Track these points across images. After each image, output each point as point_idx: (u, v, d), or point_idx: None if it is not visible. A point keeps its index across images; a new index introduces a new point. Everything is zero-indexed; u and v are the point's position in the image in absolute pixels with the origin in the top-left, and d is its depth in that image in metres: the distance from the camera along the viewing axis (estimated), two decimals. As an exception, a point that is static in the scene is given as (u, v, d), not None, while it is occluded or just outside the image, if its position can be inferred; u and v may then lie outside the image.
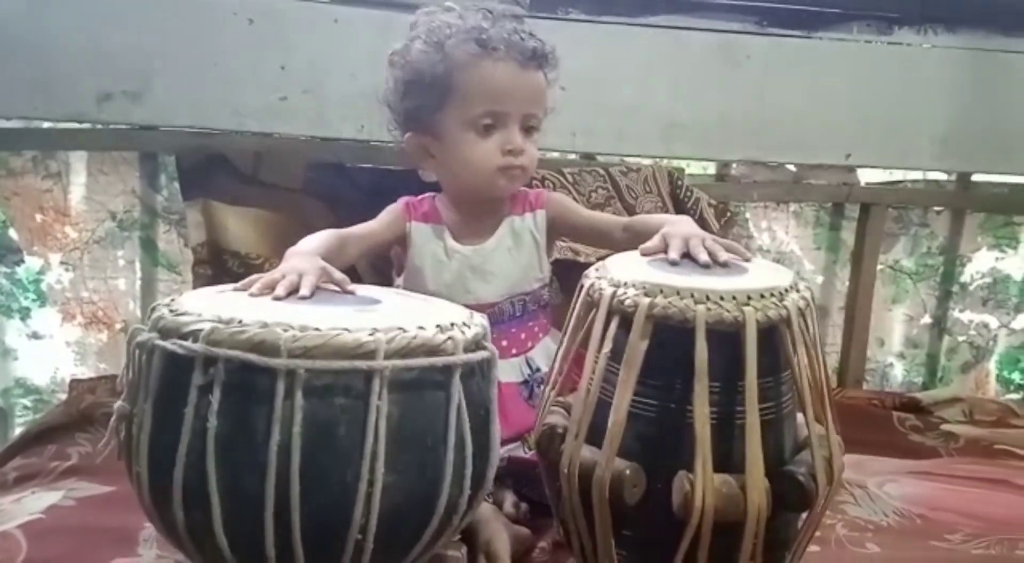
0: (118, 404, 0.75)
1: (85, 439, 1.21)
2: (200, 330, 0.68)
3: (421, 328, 0.72)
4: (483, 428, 0.77)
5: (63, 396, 1.43)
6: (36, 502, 1.04)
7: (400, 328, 0.70)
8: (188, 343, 0.68)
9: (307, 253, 0.92)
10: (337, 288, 0.85)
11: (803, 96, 1.63)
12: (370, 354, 0.68)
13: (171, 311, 0.73)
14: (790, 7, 1.62)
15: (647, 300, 0.80)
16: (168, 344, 0.70)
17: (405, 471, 0.71)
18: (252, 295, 0.80)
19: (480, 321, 0.79)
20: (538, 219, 1.16)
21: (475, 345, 0.75)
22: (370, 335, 0.69)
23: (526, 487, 1.04)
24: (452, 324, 0.74)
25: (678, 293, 0.80)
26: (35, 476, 1.12)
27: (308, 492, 0.67)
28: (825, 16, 1.64)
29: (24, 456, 1.18)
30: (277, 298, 0.79)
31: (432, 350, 0.71)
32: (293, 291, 0.80)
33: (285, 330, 0.68)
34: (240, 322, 0.69)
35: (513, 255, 1.14)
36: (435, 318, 0.75)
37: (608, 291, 0.83)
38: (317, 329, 0.68)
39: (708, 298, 0.79)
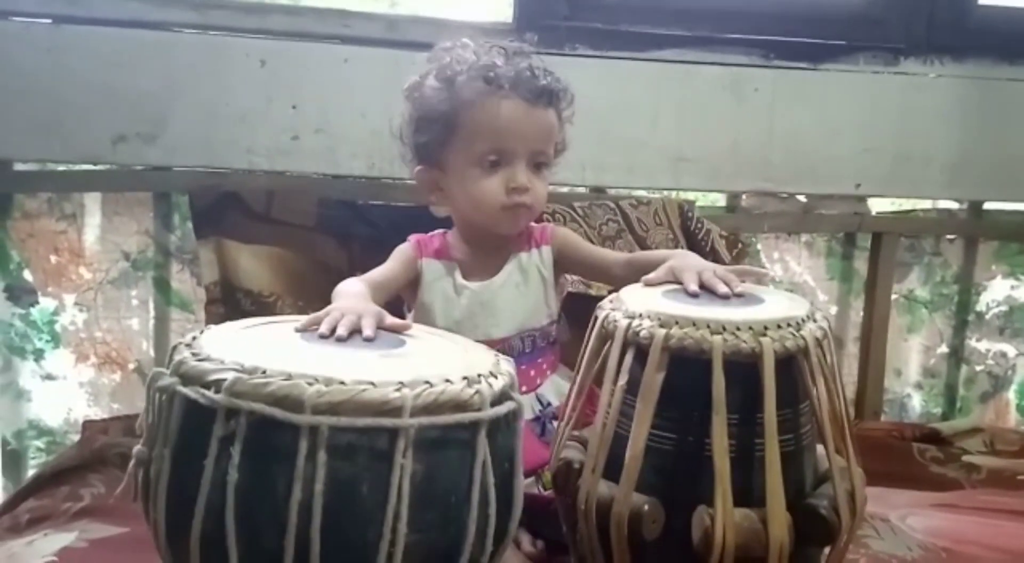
0: (137, 449, 0.73)
1: (98, 480, 1.21)
2: (223, 380, 0.67)
3: (448, 381, 0.69)
4: (507, 481, 0.75)
5: (76, 437, 1.42)
6: (49, 544, 1.03)
7: (427, 382, 0.68)
8: (210, 393, 0.67)
9: (359, 295, 0.92)
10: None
11: (812, 127, 1.64)
12: (396, 411, 0.66)
13: (193, 354, 0.71)
14: (796, 40, 1.64)
15: (663, 331, 0.79)
16: (189, 391, 0.68)
17: (427, 530, 0.69)
18: (322, 336, 0.79)
19: (507, 369, 0.77)
20: (544, 255, 1.15)
21: (502, 397, 0.73)
22: (396, 390, 0.67)
23: (540, 524, 1.02)
24: (479, 375, 0.72)
25: (694, 324, 0.79)
26: (48, 518, 1.11)
27: (328, 550, 0.66)
28: (831, 48, 1.65)
29: (37, 497, 1.17)
30: (340, 339, 0.78)
31: (459, 406, 0.69)
32: (355, 331, 0.80)
33: (310, 383, 0.66)
34: (264, 372, 0.67)
35: (521, 291, 1.13)
36: (462, 368, 0.73)
37: (623, 323, 0.83)
38: (342, 383, 0.66)
39: (724, 329, 0.79)
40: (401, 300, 1.16)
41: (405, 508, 0.67)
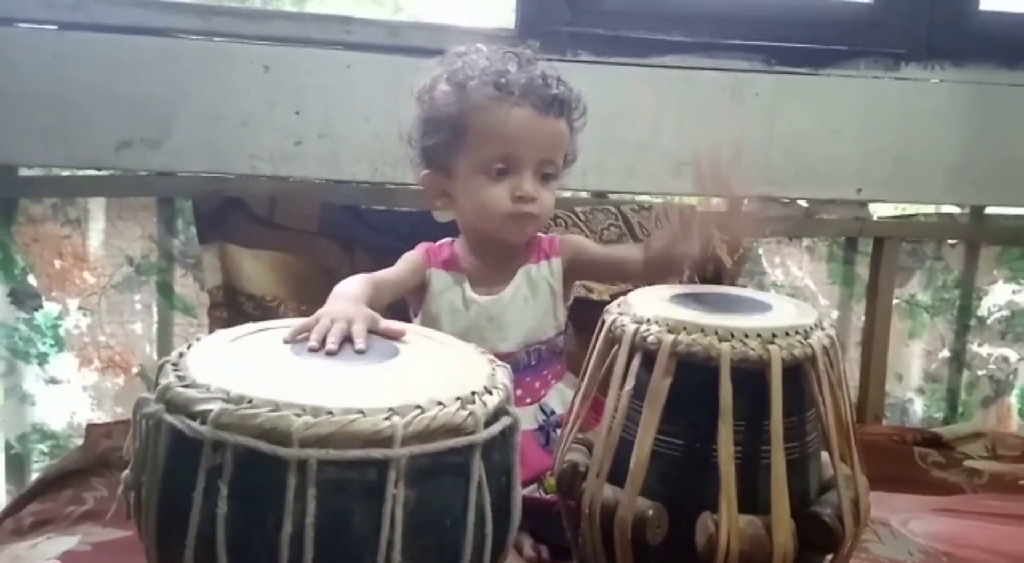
0: (125, 474, 0.73)
1: (101, 484, 1.21)
2: (208, 411, 0.65)
3: (440, 404, 0.67)
4: (504, 496, 0.73)
5: (80, 441, 1.42)
6: (52, 547, 1.03)
7: (418, 406, 0.66)
8: (195, 424, 0.65)
9: (352, 298, 0.91)
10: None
11: (812, 132, 1.65)
12: (386, 441, 0.64)
13: (179, 377, 0.70)
14: (797, 45, 1.64)
15: (671, 337, 0.79)
16: (175, 421, 0.67)
17: (422, 555, 0.67)
18: (312, 349, 0.77)
19: (503, 381, 0.75)
20: (554, 267, 1.14)
21: (497, 414, 0.71)
22: (386, 418, 0.65)
23: (542, 529, 1.02)
24: (473, 394, 0.70)
25: (702, 330, 0.80)
26: (51, 521, 1.11)
27: None
28: (832, 53, 1.65)
29: (40, 501, 1.17)
30: (330, 352, 0.77)
31: (452, 430, 0.67)
32: (346, 339, 0.79)
33: (297, 414, 0.64)
34: (250, 402, 0.65)
35: (529, 305, 1.12)
36: (456, 385, 0.71)
37: (631, 327, 0.83)
38: (330, 413, 0.64)
39: (733, 336, 0.79)
40: (405, 304, 1.16)
41: (398, 536, 0.65)
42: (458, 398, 0.69)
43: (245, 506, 0.65)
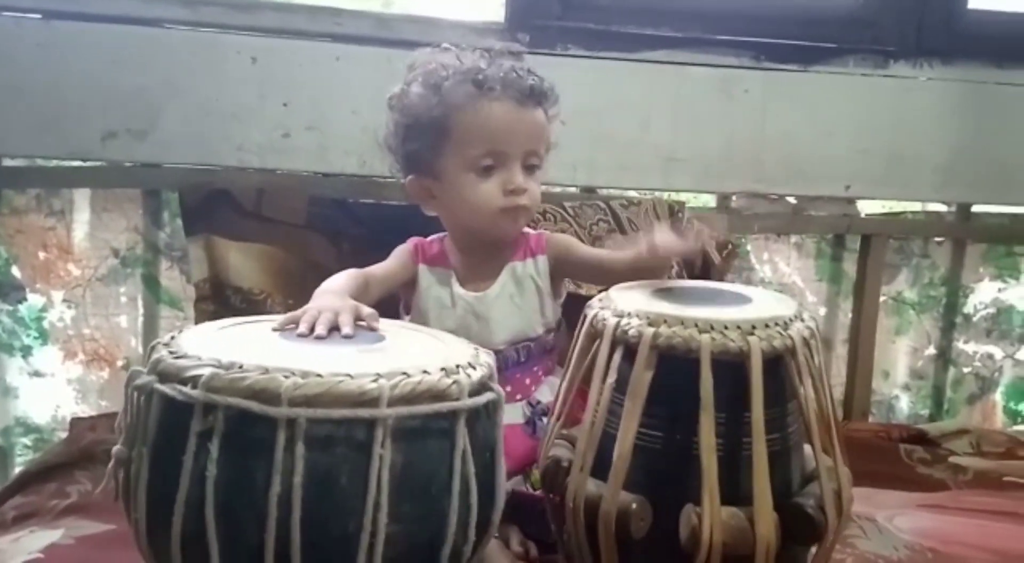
0: (116, 448, 0.73)
1: (85, 477, 1.20)
2: (199, 376, 0.67)
3: (425, 372, 0.70)
4: (488, 471, 0.75)
5: (64, 435, 1.42)
6: (35, 541, 1.03)
7: (404, 373, 0.69)
8: (187, 389, 0.67)
9: (336, 292, 0.93)
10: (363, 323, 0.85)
11: (802, 129, 1.65)
12: (373, 401, 0.67)
13: (170, 352, 0.72)
14: (787, 42, 1.64)
15: (651, 330, 0.79)
16: (167, 388, 0.69)
17: (408, 520, 0.69)
18: (301, 335, 0.79)
19: (486, 360, 0.77)
20: (539, 265, 1.13)
21: (481, 387, 0.73)
22: (373, 381, 0.67)
23: (530, 525, 1.02)
24: (457, 366, 0.72)
25: (682, 323, 0.80)
26: (34, 515, 1.11)
27: (309, 542, 0.66)
28: (821, 50, 1.66)
29: (24, 495, 1.17)
30: (319, 337, 0.79)
31: (437, 395, 0.69)
32: (334, 328, 0.81)
33: (286, 376, 0.66)
34: (240, 367, 0.67)
35: (516, 302, 1.12)
36: (440, 360, 0.73)
37: (612, 321, 0.83)
38: (319, 375, 0.67)
39: (712, 328, 0.79)
40: (396, 299, 1.16)
41: (385, 499, 0.67)
42: (443, 368, 0.71)
43: (235, 468, 0.67)
